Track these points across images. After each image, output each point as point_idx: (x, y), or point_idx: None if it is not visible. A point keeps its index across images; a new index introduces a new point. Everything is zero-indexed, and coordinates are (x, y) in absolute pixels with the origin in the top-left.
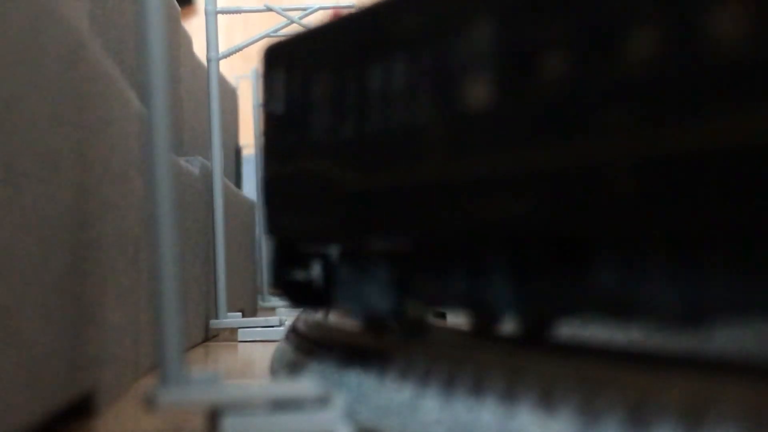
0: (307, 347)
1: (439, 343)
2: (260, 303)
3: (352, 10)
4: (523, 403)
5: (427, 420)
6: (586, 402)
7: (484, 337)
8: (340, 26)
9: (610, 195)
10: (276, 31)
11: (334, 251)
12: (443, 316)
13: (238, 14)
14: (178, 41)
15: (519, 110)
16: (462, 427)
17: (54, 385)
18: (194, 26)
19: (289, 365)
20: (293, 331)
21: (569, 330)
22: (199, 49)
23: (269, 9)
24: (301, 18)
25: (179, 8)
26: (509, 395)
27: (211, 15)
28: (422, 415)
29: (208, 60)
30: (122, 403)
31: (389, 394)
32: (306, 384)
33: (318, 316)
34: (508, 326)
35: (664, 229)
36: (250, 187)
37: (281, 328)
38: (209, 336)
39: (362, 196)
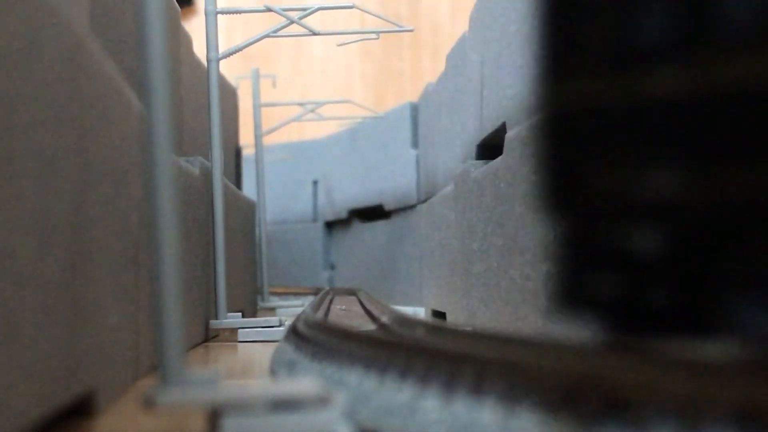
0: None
1: None
2: (260, 303)
3: None
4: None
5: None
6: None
7: None
8: None
9: None
10: (276, 31)
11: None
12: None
13: (238, 14)
14: (178, 41)
15: None
16: None
17: (54, 385)
18: (194, 26)
19: (288, 365)
20: (293, 332)
21: None
22: (199, 50)
23: (269, 9)
24: (301, 18)
25: (179, 8)
26: None
27: (211, 15)
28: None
29: (208, 60)
30: (122, 403)
31: (389, 395)
32: (306, 384)
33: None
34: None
35: None
36: (250, 187)
37: (281, 328)
38: (209, 336)
39: None
